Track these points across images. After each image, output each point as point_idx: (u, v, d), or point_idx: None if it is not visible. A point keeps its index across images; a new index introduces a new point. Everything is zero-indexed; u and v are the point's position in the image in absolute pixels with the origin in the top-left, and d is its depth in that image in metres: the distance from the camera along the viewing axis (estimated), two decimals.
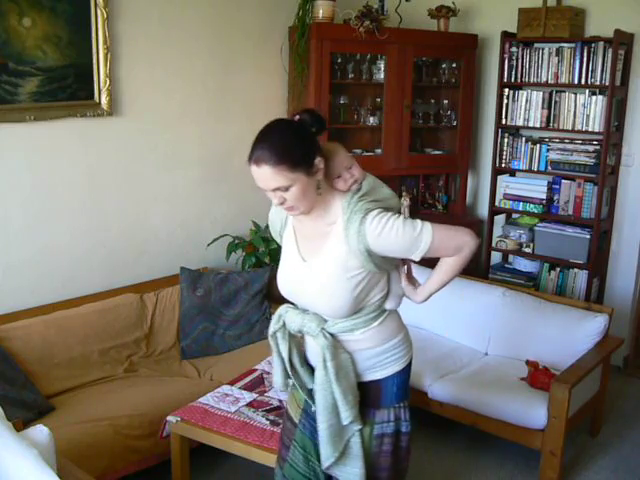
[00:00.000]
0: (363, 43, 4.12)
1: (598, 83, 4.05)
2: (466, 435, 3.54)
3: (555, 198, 4.36)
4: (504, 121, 4.46)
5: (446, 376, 3.39)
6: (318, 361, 1.92)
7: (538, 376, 3.24)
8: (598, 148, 4.10)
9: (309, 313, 1.95)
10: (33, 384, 3.02)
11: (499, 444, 3.39)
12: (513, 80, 4.39)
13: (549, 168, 4.33)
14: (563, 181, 4.30)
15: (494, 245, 4.59)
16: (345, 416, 1.89)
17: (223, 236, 3.99)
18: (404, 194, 4.66)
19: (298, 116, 1.84)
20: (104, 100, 3.43)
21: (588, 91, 4.12)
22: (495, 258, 4.74)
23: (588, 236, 4.19)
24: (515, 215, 4.63)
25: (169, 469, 2.84)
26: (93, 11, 3.30)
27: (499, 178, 4.58)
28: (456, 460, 3.38)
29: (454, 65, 4.61)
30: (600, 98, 4.05)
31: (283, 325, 1.98)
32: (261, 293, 3.74)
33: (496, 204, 4.58)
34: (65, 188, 3.40)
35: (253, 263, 3.94)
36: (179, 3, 3.72)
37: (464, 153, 4.70)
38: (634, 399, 4.05)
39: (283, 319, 1.98)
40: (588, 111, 4.11)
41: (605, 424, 3.68)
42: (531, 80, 4.32)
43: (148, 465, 2.96)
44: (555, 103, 4.25)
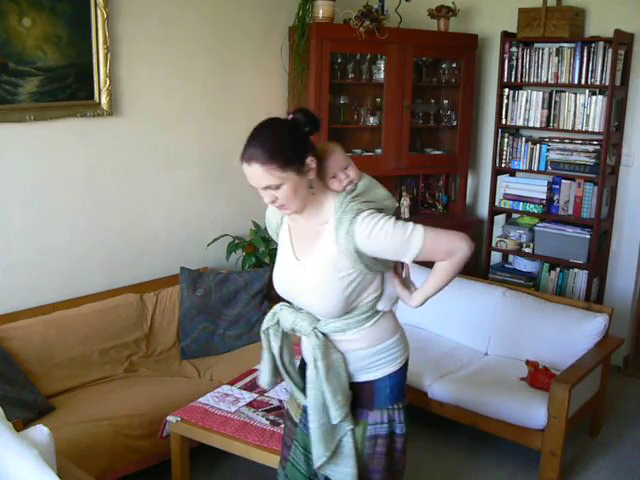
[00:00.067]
0: (363, 43, 4.12)
1: (598, 83, 4.05)
2: (466, 435, 3.54)
3: (555, 198, 4.36)
4: (504, 121, 4.46)
5: (446, 376, 3.39)
6: (309, 360, 1.93)
7: (538, 376, 3.24)
8: (598, 148, 4.10)
9: (302, 312, 1.95)
10: (33, 384, 3.02)
11: (499, 444, 3.39)
12: (513, 80, 4.39)
13: (549, 168, 4.33)
14: (563, 181, 4.30)
15: (494, 245, 4.59)
16: (334, 415, 1.88)
17: (223, 236, 3.99)
18: (404, 194, 4.67)
19: (291, 115, 1.84)
20: (104, 100, 3.43)
21: (588, 91, 4.12)
22: (495, 258, 4.74)
23: (588, 236, 4.19)
24: (515, 215, 4.63)
25: (169, 469, 2.84)
26: (93, 11, 3.30)
27: (499, 178, 4.58)
28: (456, 460, 3.38)
29: (454, 65, 4.61)
30: (600, 98, 4.05)
31: (277, 323, 1.99)
32: (261, 293, 3.74)
33: (496, 204, 4.58)
34: (65, 188, 3.40)
35: (253, 263, 3.94)
36: (179, 3, 3.73)
37: (464, 153, 4.70)
38: (634, 399, 4.05)
39: (277, 317, 1.99)
40: (588, 111, 4.11)
41: (605, 424, 3.68)
42: (531, 80, 4.32)
43: (148, 465, 2.96)
44: (555, 103, 4.25)
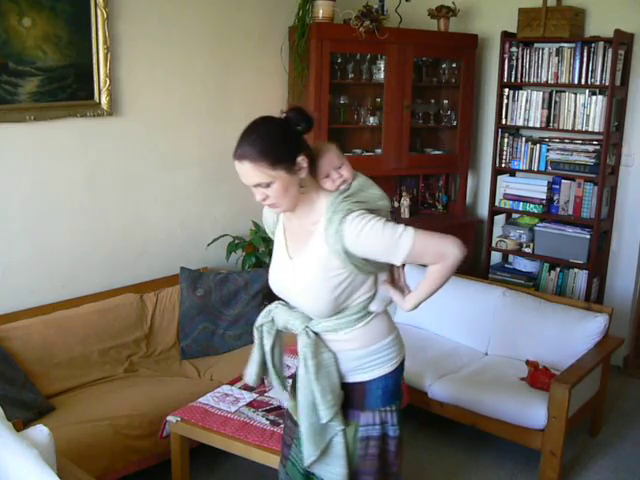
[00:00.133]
0: (363, 43, 4.12)
1: (598, 83, 4.05)
2: (466, 435, 3.54)
3: (555, 198, 4.36)
4: (504, 121, 4.46)
5: (446, 376, 3.39)
6: (300, 359, 1.93)
7: (538, 376, 3.24)
8: (598, 148, 4.10)
9: (296, 310, 1.96)
10: (33, 384, 3.02)
11: (499, 444, 3.39)
12: (513, 80, 4.39)
13: (549, 168, 4.33)
14: (563, 181, 4.30)
15: (494, 245, 4.59)
16: (323, 415, 1.88)
17: (223, 236, 3.99)
18: (404, 194, 4.67)
19: (285, 114, 1.84)
20: (104, 100, 3.43)
21: (588, 91, 4.12)
22: (495, 258, 4.74)
23: (588, 236, 4.19)
24: (515, 215, 4.63)
25: (169, 469, 2.84)
26: (93, 11, 3.30)
27: (499, 178, 4.58)
28: (456, 460, 3.38)
29: (454, 65, 4.61)
30: (600, 98, 4.05)
31: (272, 320, 2.00)
32: (261, 293, 3.74)
33: (496, 204, 4.58)
34: (65, 188, 3.40)
35: (253, 263, 3.94)
36: (179, 3, 3.73)
37: (464, 153, 4.70)
38: (634, 399, 4.05)
39: (272, 314, 2.00)
40: (588, 111, 4.11)
41: (605, 424, 3.68)
42: (531, 80, 4.32)
43: (148, 465, 2.96)
44: (555, 103, 4.25)
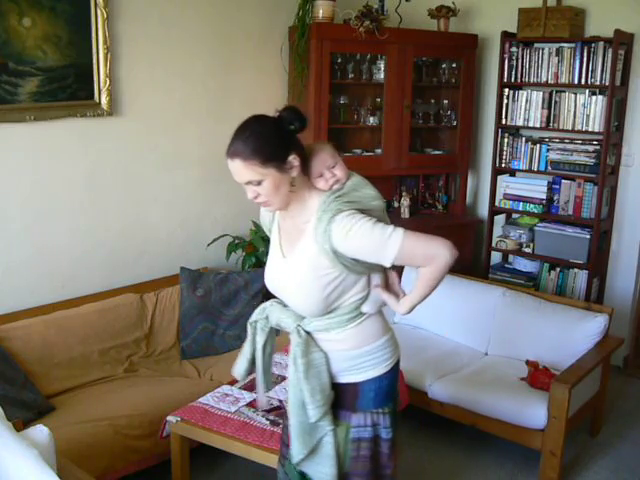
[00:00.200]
0: (363, 43, 4.12)
1: (598, 83, 4.05)
2: (466, 435, 3.54)
3: (555, 198, 4.36)
4: (504, 121, 4.46)
5: (446, 376, 3.39)
6: (290, 357, 1.94)
7: (538, 376, 3.24)
8: (598, 148, 4.10)
9: (289, 309, 1.96)
10: (33, 384, 3.02)
11: (499, 444, 3.39)
12: (513, 80, 4.39)
13: (549, 168, 4.33)
14: (563, 181, 4.30)
15: (494, 245, 4.59)
16: (312, 414, 1.88)
17: (223, 236, 3.99)
18: (404, 194, 4.67)
19: (278, 113, 1.85)
20: (104, 100, 3.43)
21: (588, 91, 4.12)
22: (495, 258, 4.74)
23: (588, 236, 4.19)
24: (515, 215, 4.63)
25: (169, 469, 2.84)
26: (93, 11, 3.30)
27: (499, 178, 4.58)
28: (456, 460, 3.38)
29: (454, 65, 4.61)
30: (600, 98, 4.05)
31: (266, 318, 2.01)
32: (261, 293, 3.74)
33: (496, 204, 4.58)
34: (65, 188, 3.40)
35: (253, 263, 3.94)
36: (179, 3, 3.73)
37: (464, 153, 4.70)
38: (634, 399, 4.05)
39: (267, 312, 2.01)
40: (588, 111, 4.11)
41: (605, 424, 3.68)
42: (531, 80, 4.32)
43: (148, 465, 2.96)
44: (555, 103, 4.25)
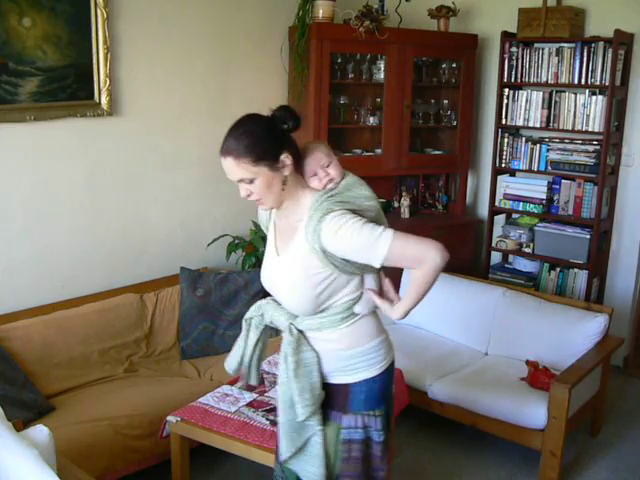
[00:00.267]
0: (363, 43, 4.12)
1: (598, 83, 4.05)
2: (466, 435, 3.54)
3: (555, 198, 4.36)
4: (504, 121, 4.46)
5: (446, 376, 3.39)
6: (281, 355, 1.94)
7: (538, 376, 3.24)
8: (598, 148, 4.10)
9: (283, 307, 1.97)
10: (33, 384, 3.02)
11: (499, 444, 3.39)
12: (513, 80, 4.39)
13: (549, 168, 4.33)
14: (563, 181, 4.30)
15: (494, 245, 4.59)
16: (300, 413, 1.88)
17: (223, 236, 3.99)
18: (404, 194, 4.67)
19: (272, 112, 1.86)
20: (104, 100, 3.43)
21: (588, 91, 4.12)
22: (495, 258, 4.74)
23: (588, 236, 4.19)
24: (515, 215, 4.63)
25: (169, 469, 2.84)
26: (93, 11, 3.30)
27: (499, 178, 4.58)
28: (456, 460, 3.38)
29: (454, 65, 4.61)
30: (600, 98, 4.05)
31: (262, 315, 2.02)
32: (261, 293, 3.74)
33: (496, 204, 4.58)
34: (65, 188, 3.40)
35: (253, 263, 3.94)
36: (179, 3, 3.72)
37: (464, 153, 4.70)
38: (634, 399, 4.05)
39: (262, 310, 2.02)
40: (588, 111, 4.11)
41: (605, 424, 3.68)
42: (531, 80, 4.32)
43: (148, 465, 2.96)
44: (555, 103, 4.25)
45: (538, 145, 4.36)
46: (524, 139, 4.42)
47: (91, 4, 3.29)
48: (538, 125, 4.33)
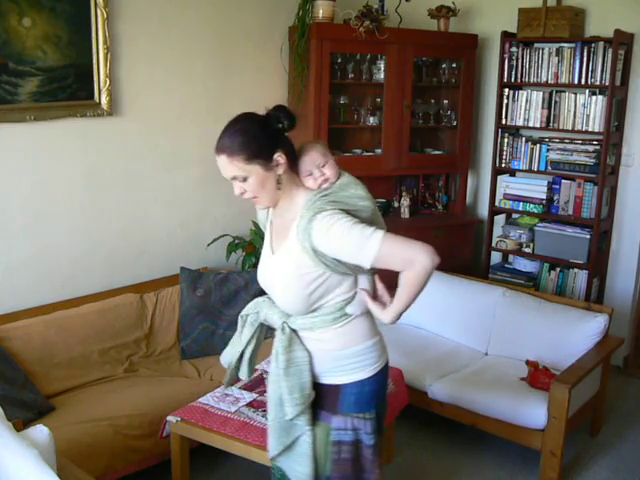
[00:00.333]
0: (363, 43, 4.12)
1: (598, 83, 4.05)
2: (466, 435, 3.54)
3: (555, 198, 4.36)
4: (504, 121, 4.46)
5: (446, 376, 3.39)
6: (273, 353, 1.95)
7: (538, 376, 3.24)
8: (598, 148, 4.10)
9: (276, 306, 1.98)
10: (33, 384, 3.02)
11: (499, 444, 3.39)
12: (513, 80, 4.39)
13: (549, 168, 4.33)
14: (563, 181, 4.30)
15: (494, 245, 4.59)
16: (288, 411, 1.89)
17: (223, 236, 3.99)
18: (404, 194, 4.67)
19: (267, 112, 1.87)
20: (104, 100, 3.43)
21: (588, 91, 4.12)
22: (495, 258, 4.74)
23: (588, 236, 4.19)
24: (515, 215, 4.63)
25: (169, 469, 2.84)
26: (93, 11, 3.30)
27: (499, 178, 4.58)
28: (456, 460, 3.38)
29: (454, 65, 4.61)
30: (600, 98, 4.05)
31: (258, 312, 2.04)
32: (261, 293, 3.74)
33: (496, 204, 4.58)
34: (65, 188, 3.40)
35: (253, 263, 3.94)
36: (179, 3, 3.72)
37: (464, 153, 4.70)
38: (634, 399, 4.05)
39: (258, 307, 2.04)
40: (588, 111, 4.11)
41: (605, 424, 3.68)
42: (531, 80, 4.32)
43: (148, 465, 2.96)
44: (555, 103, 4.25)
45: (538, 145, 4.36)
46: (524, 139, 4.42)
47: (91, 4, 3.29)
48: (538, 125, 4.33)
